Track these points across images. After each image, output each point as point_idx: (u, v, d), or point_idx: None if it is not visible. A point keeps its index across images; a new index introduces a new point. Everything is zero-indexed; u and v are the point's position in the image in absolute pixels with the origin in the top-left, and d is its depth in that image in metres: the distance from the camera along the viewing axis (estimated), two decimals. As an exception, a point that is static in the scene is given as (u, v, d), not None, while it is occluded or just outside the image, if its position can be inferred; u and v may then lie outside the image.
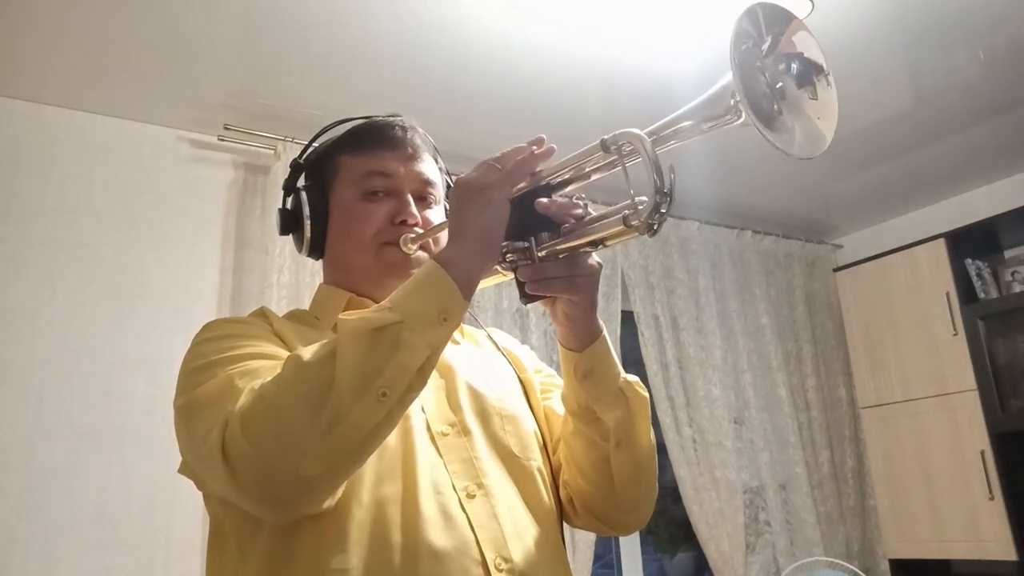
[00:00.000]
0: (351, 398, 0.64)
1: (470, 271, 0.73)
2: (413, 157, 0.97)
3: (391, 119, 0.99)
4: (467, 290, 0.72)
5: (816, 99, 0.70)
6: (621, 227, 0.72)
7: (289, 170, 1.02)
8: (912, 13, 1.97)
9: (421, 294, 0.70)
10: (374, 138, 0.97)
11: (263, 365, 0.75)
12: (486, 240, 0.74)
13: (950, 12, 1.97)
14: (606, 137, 0.73)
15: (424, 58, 2.02)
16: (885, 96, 2.40)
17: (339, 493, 0.73)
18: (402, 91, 2.17)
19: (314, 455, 0.64)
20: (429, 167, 0.98)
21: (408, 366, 0.67)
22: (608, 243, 0.76)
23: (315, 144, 1.03)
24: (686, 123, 0.70)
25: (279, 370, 0.69)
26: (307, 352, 0.68)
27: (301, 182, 1.01)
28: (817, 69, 0.70)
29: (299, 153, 1.03)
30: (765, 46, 0.68)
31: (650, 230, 0.70)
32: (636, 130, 0.71)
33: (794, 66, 0.70)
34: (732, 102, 0.65)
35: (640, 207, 0.70)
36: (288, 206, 0.99)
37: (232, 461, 0.66)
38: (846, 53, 2.11)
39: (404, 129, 0.97)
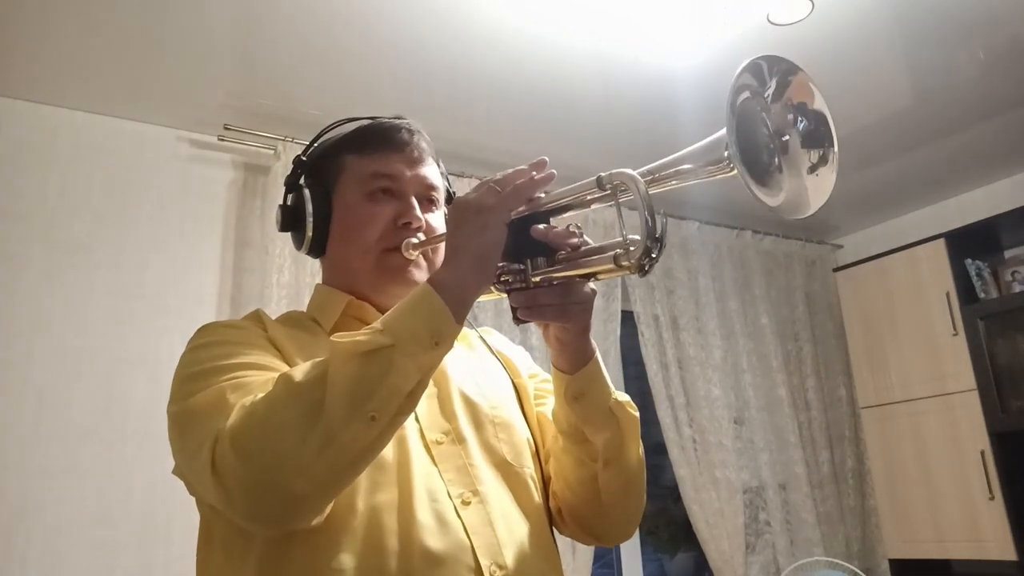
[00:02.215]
0: (341, 421, 0.65)
1: (464, 294, 0.72)
2: (418, 161, 0.97)
3: (397, 121, 0.98)
4: (460, 313, 0.72)
5: (817, 175, 0.69)
6: (611, 265, 0.72)
7: (292, 167, 1.01)
8: (912, 13, 1.97)
9: (414, 317, 0.70)
10: (380, 140, 0.96)
11: (255, 380, 0.75)
12: (481, 263, 0.74)
13: (950, 12, 1.97)
14: (602, 175, 0.73)
15: (423, 57, 2.02)
16: (885, 96, 2.40)
17: (328, 509, 0.73)
18: (401, 91, 2.17)
19: (305, 475, 0.65)
20: (433, 171, 0.99)
21: (399, 390, 0.67)
22: (600, 278, 0.77)
23: (319, 142, 1.02)
24: (684, 167, 0.70)
25: (270, 387, 0.69)
26: (299, 372, 0.68)
27: (303, 179, 1.00)
28: (827, 136, 0.69)
29: (303, 150, 1.02)
30: (768, 92, 0.67)
31: (640, 271, 0.70)
32: (631, 171, 0.71)
33: (802, 122, 0.69)
34: (725, 154, 0.65)
35: (631, 248, 0.70)
36: (289, 203, 0.98)
37: (223, 477, 0.66)
38: (846, 53, 2.11)
39: (411, 132, 0.97)
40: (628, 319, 2.88)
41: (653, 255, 0.69)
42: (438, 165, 1.01)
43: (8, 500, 1.85)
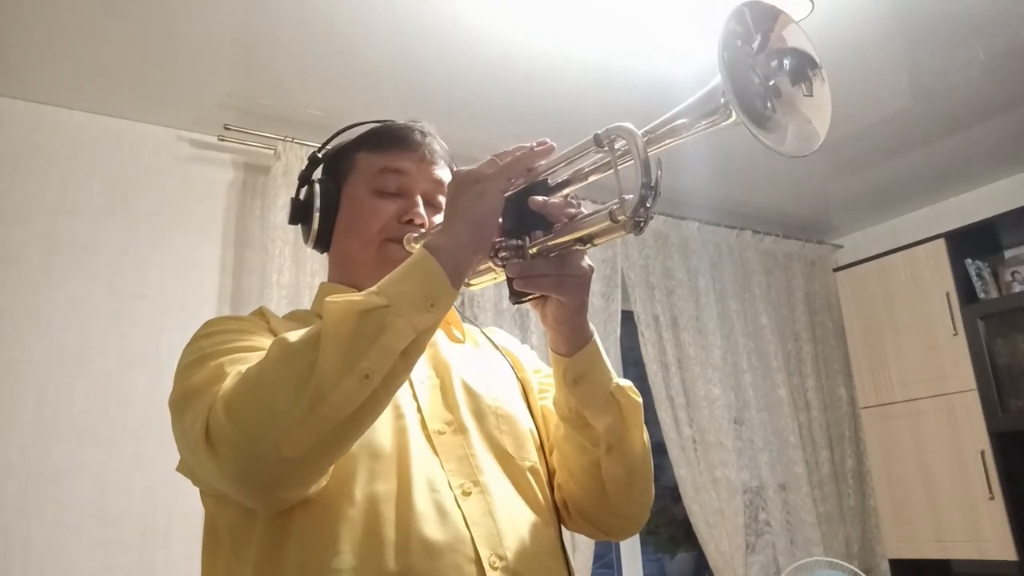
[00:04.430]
0: (333, 378, 0.64)
1: (459, 259, 0.72)
2: (429, 162, 0.98)
3: (412, 123, 1.01)
4: (455, 278, 0.71)
5: (812, 96, 0.69)
6: (608, 222, 0.71)
7: (307, 162, 1.04)
8: (912, 13, 1.97)
9: (409, 280, 0.70)
10: (392, 138, 0.98)
11: (254, 356, 0.74)
12: (477, 230, 0.74)
13: (950, 12, 1.97)
14: (600, 131, 0.73)
15: (423, 58, 2.02)
16: (885, 96, 2.40)
17: (324, 481, 0.72)
18: (401, 91, 2.17)
19: (294, 434, 0.64)
20: (443, 173, 0.99)
21: (392, 349, 0.67)
22: (596, 241, 0.76)
23: (335, 140, 1.05)
24: (680, 121, 0.70)
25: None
26: (293, 335, 0.68)
27: (317, 175, 1.03)
28: (811, 63, 0.69)
29: (319, 147, 1.05)
30: (755, 44, 0.68)
31: (636, 227, 0.69)
32: (629, 124, 0.70)
33: (787, 62, 0.69)
34: (722, 101, 0.65)
35: (627, 198, 0.69)
36: (301, 197, 1.01)
37: (215, 442, 0.67)
38: (846, 53, 2.11)
39: (423, 134, 0.99)
40: (628, 319, 2.88)
41: (648, 204, 0.68)
42: (451, 170, 1.01)
43: (8, 500, 1.85)
